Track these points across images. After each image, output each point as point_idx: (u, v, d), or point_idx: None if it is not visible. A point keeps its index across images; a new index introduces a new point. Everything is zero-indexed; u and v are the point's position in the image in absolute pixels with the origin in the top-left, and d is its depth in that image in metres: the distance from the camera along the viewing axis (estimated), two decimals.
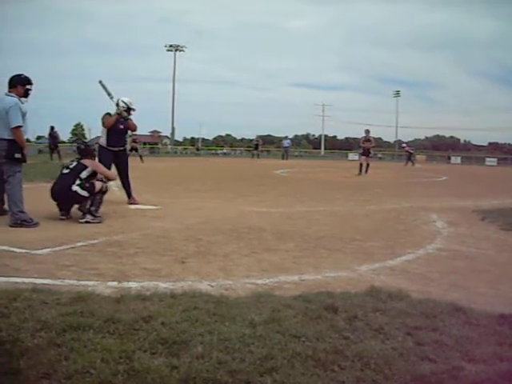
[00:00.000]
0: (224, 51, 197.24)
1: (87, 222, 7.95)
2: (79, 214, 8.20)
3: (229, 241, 6.71)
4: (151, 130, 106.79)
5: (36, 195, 9.41)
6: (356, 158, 64.52)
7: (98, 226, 7.53)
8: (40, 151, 42.28)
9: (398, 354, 3.05)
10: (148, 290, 4.25)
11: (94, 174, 8.49)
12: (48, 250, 5.77)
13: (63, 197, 8.25)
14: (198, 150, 54.41)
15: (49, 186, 8.52)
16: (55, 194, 8.30)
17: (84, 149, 8.75)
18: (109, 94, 10.58)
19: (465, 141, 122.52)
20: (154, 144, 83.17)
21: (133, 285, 4.46)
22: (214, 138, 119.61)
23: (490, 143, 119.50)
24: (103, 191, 8.40)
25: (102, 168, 8.75)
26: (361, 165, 24.67)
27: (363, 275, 5.18)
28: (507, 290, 4.79)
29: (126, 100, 10.88)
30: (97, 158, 9.25)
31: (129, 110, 10.82)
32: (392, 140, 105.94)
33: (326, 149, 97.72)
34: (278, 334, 3.27)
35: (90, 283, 4.46)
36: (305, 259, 5.81)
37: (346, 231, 7.70)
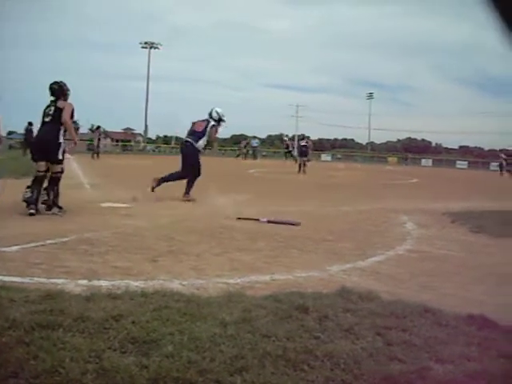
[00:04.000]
0: (201, 50, 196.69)
1: (54, 214, 8.21)
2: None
3: (201, 240, 6.70)
4: (124, 127, 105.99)
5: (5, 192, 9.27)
6: (329, 158, 64.93)
7: (68, 224, 7.46)
8: (11, 147, 41.35)
9: (368, 354, 3.08)
10: (119, 288, 4.22)
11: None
12: (17, 247, 5.69)
13: (45, 144, 8.51)
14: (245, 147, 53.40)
15: (18, 181, 8.42)
16: (40, 142, 8.66)
17: (57, 88, 8.74)
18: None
19: (436, 144, 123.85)
20: (127, 141, 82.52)
21: (103, 283, 4.42)
22: None
23: (460, 146, 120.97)
24: (60, 173, 8.66)
25: (69, 109, 8.62)
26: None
27: (334, 276, 5.21)
28: (476, 291, 4.86)
29: (219, 111, 12.16)
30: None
31: (220, 120, 12.20)
32: (364, 142, 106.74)
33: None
34: (248, 334, 3.28)
35: (60, 281, 4.42)
36: (276, 259, 5.83)
37: (318, 232, 7.74)
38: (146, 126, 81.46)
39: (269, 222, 6.41)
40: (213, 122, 12.05)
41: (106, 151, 34.41)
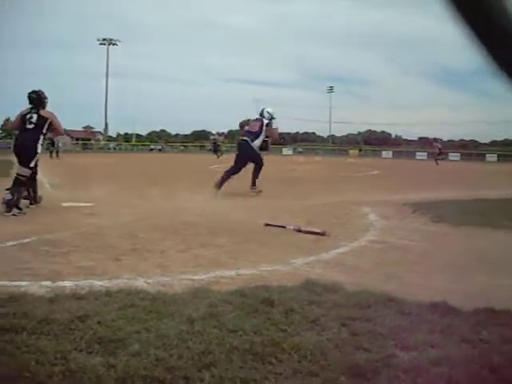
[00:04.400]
0: (161, 46, 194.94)
1: (14, 215, 8.23)
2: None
3: (165, 237, 6.67)
4: (84, 125, 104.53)
5: None
6: (290, 152, 65.17)
7: (29, 224, 7.34)
8: None
9: (334, 345, 3.12)
10: (83, 288, 4.18)
11: (50, 125, 9.10)
12: None
13: (25, 150, 8.83)
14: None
15: None
16: (21, 148, 8.95)
17: (36, 97, 9.07)
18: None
19: (396, 135, 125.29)
20: (87, 140, 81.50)
21: (67, 284, 4.37)
22: (148, 134, 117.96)
23: (420, 138, 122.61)
24: (26, 177, 8.79)
25: (57, 120, 9.20)
26: None
27: (299, 269, 5.25)
28: (437, 279, 4.96)
29: (270, 110, 13.25)
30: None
31: (271, 118, 13.22)
32: (326, 135, 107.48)
33: None
34: (215, 329, 3.29)
35: (23, 283, 4.35)
36: (241, 253, 5.84)
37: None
38: (106, 123, 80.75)
39: (297, 230, 6.47)
40: (266, 121, 13.14)
41: (66, 150, 33.70)
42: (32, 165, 8.85)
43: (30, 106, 9.07)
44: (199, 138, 76.60)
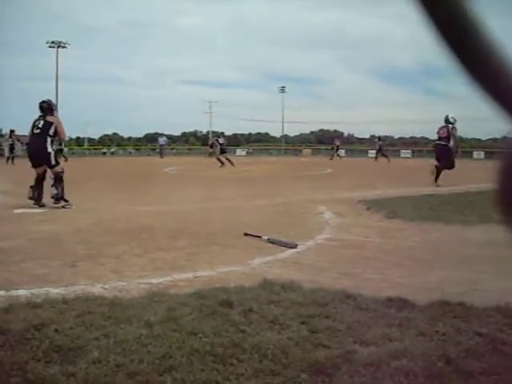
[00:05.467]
0: (111, 49, 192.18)
1: (63, 208, 9.84)
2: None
3: (121, 241, 6.60)
4: None
5: None
6: (244, 153, 65.34)
7: None
8: None
9: (294, 343, 3.16)
10: (38, 296, 4.11)
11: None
12: None
13: (37, 154, 10.14)
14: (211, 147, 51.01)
15: None
16: (33, 152, 10.32)
17: (46, 106, 10.36)
18: None
19: (348, 134, 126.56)
20: (27, 144, 79.71)
21: (22, 292, 4.29)
22: (101, 137, 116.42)
23: (371, 136, 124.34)
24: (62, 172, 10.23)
25: (61, 125, 10.35)
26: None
27: (256, 269, 5.28)
28: (393, 274, 5.06)
29: (453, 115, 15.64)
30: None
31: (455, 122, 15.66)
32: (279, 135, 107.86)
33: None
34: (175, 333, 3.29)
35: None
36: (198, 256, 5.84)
37: (237, 227, 7.76)
38: None
39: (269, 241, 6.46)
40: (451, 126, 15.48)
41: (17, 156, 32.70)
42: (53, 162, 10.15)
43: (40, 114, 10.34)
44: (152, 141, 75.89)
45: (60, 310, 3.72)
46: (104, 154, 70.42)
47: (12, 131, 34.90)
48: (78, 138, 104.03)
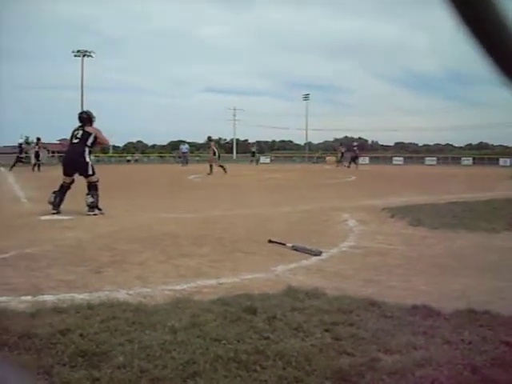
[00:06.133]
0: (136, 58, 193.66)
1: (95, 215, 9.92)
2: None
3: (144, 248, 6.64)
4: (60, 138, 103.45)
5: None
6: (268, 160, 65.47)
7: (7, 239, 7.24)
8: None
9: (318, 350, 3.14)
10: (64, 302, 4.14)
11: (95, 139, 10.47)
12: None
13: (75, 163, 10.38)
14: (253, 155, 51.59)
15: None
16: (69, 161, 10.56)
17: (86, 117, 10.56)
18: None
19: (372, 141, 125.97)
20: (63, 153, 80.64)
21: (48, 298, 4.33)
22: (125, 145, 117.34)
23: (396, 143, 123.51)
24: (97, 181, 10.40)
25: (101, 134, 10.61)
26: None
27: (280, 276, 5.26)
28: (417, 282, 5.01)
29: None
30: None
31: None
32: (302, 142, 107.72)
33: (237, 153, 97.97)
34: (198, 339, 3.29)
35: (3, 299, 4.30)
36: (222, 263, 5.84)
37: (261, 234, 7.76)
38: None
39: (293, 248, 6.47)
40: None
41: (42, 163, 33.06)
42: (90, 172, 10.33)
43: (79, 125, 10.57)
44: (176, 149, 76.29)
45: (85, 315, 3.75)
46: (128, 161, 70.86)
47: (38, 139, 35.39)
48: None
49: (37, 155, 33.50)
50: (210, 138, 31.08)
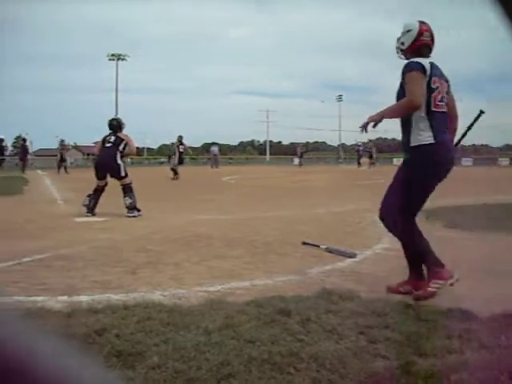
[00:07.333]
0: (168, 61, 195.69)
1: (134, 217, 10.13)
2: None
3: (178, 250, 6.68)
4: (95, 140, 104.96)
5: None
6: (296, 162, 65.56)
7: (44, 240, 7.37)
8: None
9: (352, 353, 3.11)
10: (100, 302, 4.19)
11: (125, 146, 10.87)
12: None
13: (107, 166, 10.66)
14: (302, 156, 51.76)
15: None
16: (102, 164, 10.79)
17: (116, 124, 11.07)
18: None
19: None
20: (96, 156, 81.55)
21: (84, 298, 4.39)
22: (159, 147, 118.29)
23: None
24: (130, 183, 10.65)
25: (132, 142, 11.08)
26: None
27: (314, 278, 5.24)
28: (455, 285, 4.93)
29: None
30: None
31: None
32: (336, 143, 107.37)
33: (271, 154, 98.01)
34: (232, 340, 3.29)
35: (39, 299, 4.37)
36: (255, 265, 5.84)
37: (295, 235, 7.74)
38: None
39: (327, 250, 6.47)
40: None
41: (77, 165, 33.50)
42: (123, 174, 10.60)
43: (110, 131, 11.01)
44: (208, 151, 76.75)
45: (121, 315, 3.78)
46: (161, 163, 71.40)
47: (62, 141, 35.95)
48: (137, 148, 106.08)
49: (61, 157, 33.95)
50: (179, 138, 26.88)
